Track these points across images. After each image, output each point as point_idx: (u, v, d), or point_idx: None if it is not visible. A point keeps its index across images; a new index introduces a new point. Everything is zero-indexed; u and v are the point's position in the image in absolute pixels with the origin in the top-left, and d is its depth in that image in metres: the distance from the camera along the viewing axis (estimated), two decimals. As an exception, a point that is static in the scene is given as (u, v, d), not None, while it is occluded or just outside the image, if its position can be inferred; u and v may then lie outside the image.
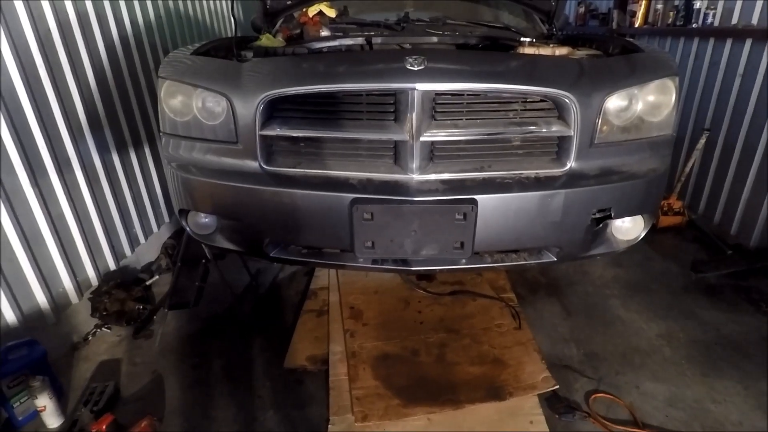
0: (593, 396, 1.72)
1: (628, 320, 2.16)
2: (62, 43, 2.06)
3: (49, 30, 2.00)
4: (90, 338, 2.10)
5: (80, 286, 2.14)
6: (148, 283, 2.45)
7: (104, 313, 2.12)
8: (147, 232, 2.73)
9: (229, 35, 2.02)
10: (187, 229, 1.78)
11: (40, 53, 1.92)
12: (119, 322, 2.15)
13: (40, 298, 1.91)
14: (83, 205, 2.18)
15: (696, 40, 3.07)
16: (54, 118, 2.01)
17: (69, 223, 2.08)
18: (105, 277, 2.29)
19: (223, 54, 1.81)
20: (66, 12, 2.11)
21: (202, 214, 1.73)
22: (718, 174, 2.90)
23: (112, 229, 2.39)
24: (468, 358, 1.90)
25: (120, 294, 2.18)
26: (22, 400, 1.66)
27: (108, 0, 2.43)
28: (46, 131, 1.95)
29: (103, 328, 2.14)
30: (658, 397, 1.73)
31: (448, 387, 1.76)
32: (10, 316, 1.78)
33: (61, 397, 1.73)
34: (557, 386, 1.74)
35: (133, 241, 2.58)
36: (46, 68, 1.96)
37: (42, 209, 1.91)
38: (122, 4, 2.57)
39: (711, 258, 2.64)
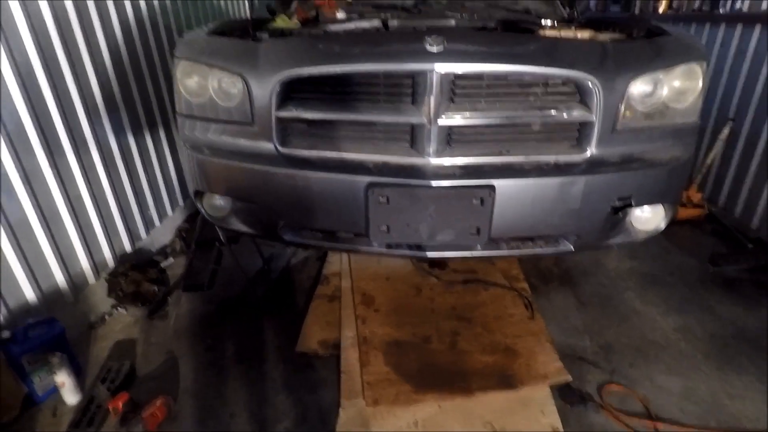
0: (606, 387, 1.71)
1: (643, 313, 2.13)
2: (78, 22, 2.06)
3: (65, 9, 2.00)
4: (107, 318, 2.14)
5: (97, 266, 2.17)
6: (162, 265, 2.48)
7: (120, 293, 2.16)
8: (162, 214, 2.76)
9: (244, 17, 2.01)
10: (202, 210, 1.78)
11: (57, 32, 1.93)
12: (135, 303, 2.18)
13: (59, 277, 1.95)
14: (100, 187, 2.21)
15: (722, 26, 2.97)
16: (71, 99, 2.03)
17: (86, 205, 2.11)
18: (121, 258, 2.32)
19: (238, 35, 1.79)
20: (82, -8, 2.11)
21: (217, 196, 1.73)
22: (741, 166, 2.82)
23: (127, 211, 2.41)
24: (480, 346, 1.90)
25: (136, 275, 2.21)
26: (41, 376, 1.69)
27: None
28: (64, 112, 1.96)
29: (119, 309, 2.18)
30: (672, 391, 1.70)
31: (460, 375, 1.76)
32: (30, 294, 1.82)
33: (79, 374, 1.76)
34: (569, 377, 1.73)
35: (148, 224, 2.61)
36: (63, 48, 1.96)
37: (60, 190, 1.93)
38: (138, -14, 2.57)
39: (730, 251, 2.59)
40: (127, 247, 2.41)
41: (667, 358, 1.86)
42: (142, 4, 2.61)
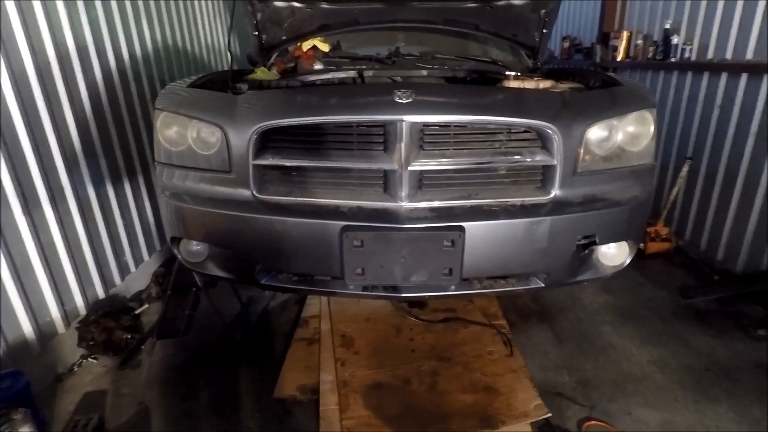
0: (586, 423, 1.71)
1: (619, 346, 2.17)
2: (61, 74, 2.11)
3: (48, 61, 2.05)
4: (75, 369, 2.06)
5: (68, 315, 2.11)
6: (137, 312, 2.43)
7: (91, 342, 2.09)
8: (138, 260, 2.72)
9: (226, 68, 2.10)
10: (179, 256, 1.78)
11: (39, 84, 1.97)
12: (106, 352, 2.11)
13: (27, 328, 1.89)
14: (75, 234, 2.18)
15: (675, 74, 3.20)
16: (50, 148, 2.04)
17: (59, 252, 2.07)
18: (93, 306, 2.27)
19: (219, 87, 1.86)
20: (66, 44, 2.17)
21: (194, 242, 1.74)
22: (703, 201, 2.97)
23: (102, 257, 2.38)
24: (460, 386, 1.89)
25: (108, 323, 2.15)
26: (2, 434, 1.61)
27: (107, 33, 2.50)
28: (42, 161, 1.97)
29: (89, 359, 2.10)
30: (650, 424, 1.72)
31: (440, 416, 1.74)
32: (-5, 347, 1.76)
33: (43, 430, 1.68)
34: (550, 414, 1.73)
35: (124, 270, 2.56)
36: (44, 99, 2.00)
37: (33, 238, 1.91)
38: (121, 37, 2.65)
39: (699, 283, 2.68)
40: (101, 293, 2.35)
41: (645, 392, 1.88)
42: (125, 55, 2.69)
